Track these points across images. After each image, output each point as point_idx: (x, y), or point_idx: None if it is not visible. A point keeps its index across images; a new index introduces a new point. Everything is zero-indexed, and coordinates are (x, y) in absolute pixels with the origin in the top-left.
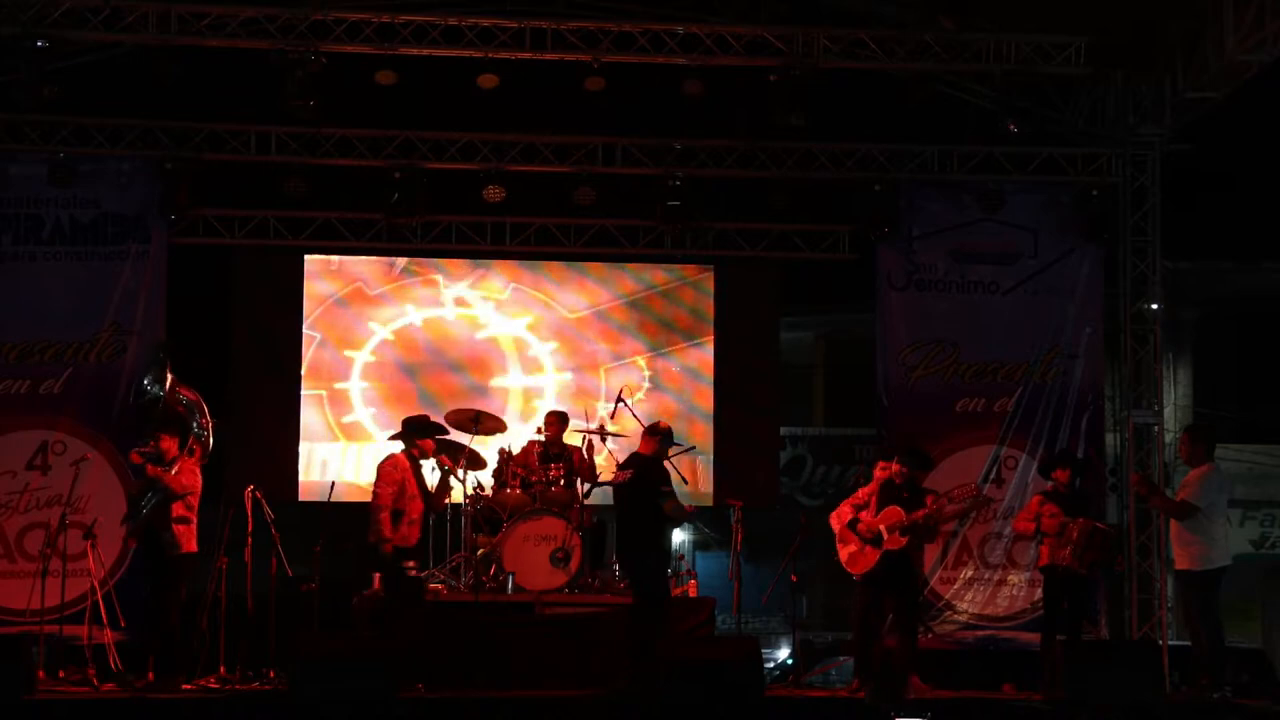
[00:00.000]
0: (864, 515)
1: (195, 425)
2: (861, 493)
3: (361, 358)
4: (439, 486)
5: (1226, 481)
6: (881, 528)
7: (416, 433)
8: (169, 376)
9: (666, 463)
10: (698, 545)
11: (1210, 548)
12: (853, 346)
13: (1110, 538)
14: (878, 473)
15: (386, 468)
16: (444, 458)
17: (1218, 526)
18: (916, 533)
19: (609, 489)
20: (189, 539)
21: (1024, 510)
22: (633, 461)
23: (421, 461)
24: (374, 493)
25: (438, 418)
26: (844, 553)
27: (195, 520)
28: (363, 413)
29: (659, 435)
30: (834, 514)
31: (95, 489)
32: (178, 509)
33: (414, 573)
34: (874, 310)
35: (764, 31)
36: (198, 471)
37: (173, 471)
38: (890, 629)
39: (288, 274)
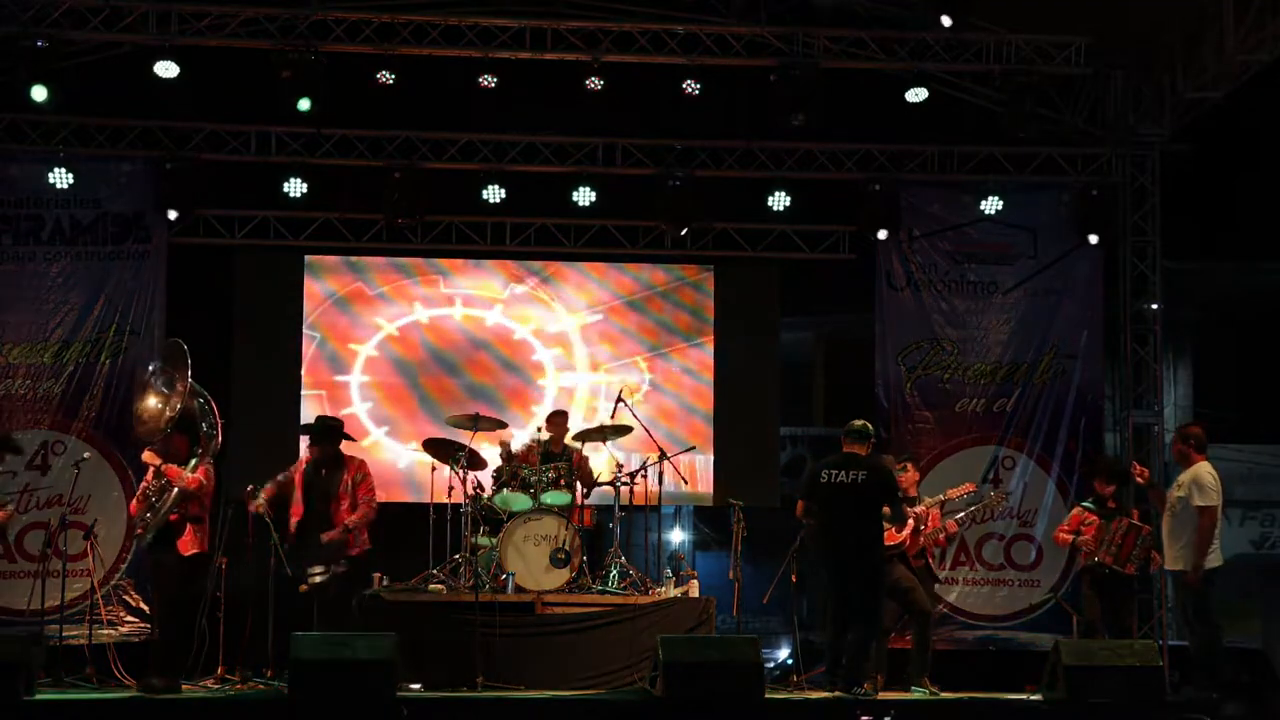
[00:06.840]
0: None
1: (205, 425)
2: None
3: (361, 358)
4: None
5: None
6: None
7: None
8: (186, 375)
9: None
10: (698, 545)
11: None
12: (853, 347)
13: (1149, 537)
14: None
15: None
16: None
17: None
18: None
19: (608, 489)
20: (204, 538)
21: (1065, 522)
22: (859, 462)
23: None
24: None
25: (437, 418)
26: None
27: (207, 520)
28: (362, 413)
29: (871, 437)
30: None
31: (95, 489)
32: (193, 508)
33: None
34: (874, 310)
35: (764, 31)
36: (212, 471)
37: (190, 470)
38: (902, 630)
39: (288, 274)
